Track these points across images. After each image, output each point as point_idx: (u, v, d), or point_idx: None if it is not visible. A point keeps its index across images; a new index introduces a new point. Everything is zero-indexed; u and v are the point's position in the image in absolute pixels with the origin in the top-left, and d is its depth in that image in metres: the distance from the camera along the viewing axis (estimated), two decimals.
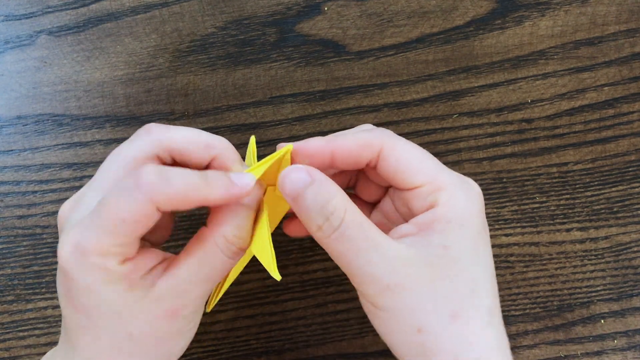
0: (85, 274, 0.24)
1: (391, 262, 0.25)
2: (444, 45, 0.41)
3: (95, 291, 0.24)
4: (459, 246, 0.25)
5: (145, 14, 0.40)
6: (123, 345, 0.25)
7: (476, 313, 0.25)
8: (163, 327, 0.25)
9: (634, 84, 0.41)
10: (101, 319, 0.25)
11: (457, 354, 0.25)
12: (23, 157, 0.39)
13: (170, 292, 0.25)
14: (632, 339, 0.38)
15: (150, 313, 0.25)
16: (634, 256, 0.39)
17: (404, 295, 0.25)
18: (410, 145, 0.27)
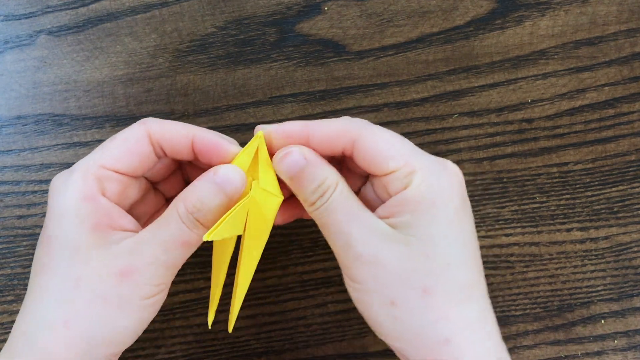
0: (63, 198, 0.26)
1: (367, 234, 0.26)
2: (444, 45, 0.41)
3: (63, 218, 0.26)
4: (431, 225, 0.26)
5: (145, 14, 0.40)
6: (68, 292, 0.26)
7: (451, 289, 0.26)
8: (112, 284, 0.26)
9: (634, 83, 0.41)
10: (59, 254, 0.26)
11: (428, 327, 0.25)
12: (23, 157, 0.39)
13: (126, 250, 0.26)
14: (632, 339, 0.38)
15: (103, 265, 0.26)
16: (634, 256, 0.39)
17: (377, 268, 0.25)
18: (385, 132, 0.28)
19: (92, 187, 0.27)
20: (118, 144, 0.28)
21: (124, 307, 0.26)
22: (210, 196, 0.27)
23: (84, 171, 0.27)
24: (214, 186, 0.27)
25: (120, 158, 0.27)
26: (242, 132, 0.39)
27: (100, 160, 0.27)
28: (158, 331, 0.38)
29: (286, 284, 0.38)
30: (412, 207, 0.26)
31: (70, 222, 0.26)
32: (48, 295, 0.26)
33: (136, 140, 0.28)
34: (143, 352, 0.38)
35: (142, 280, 0.26)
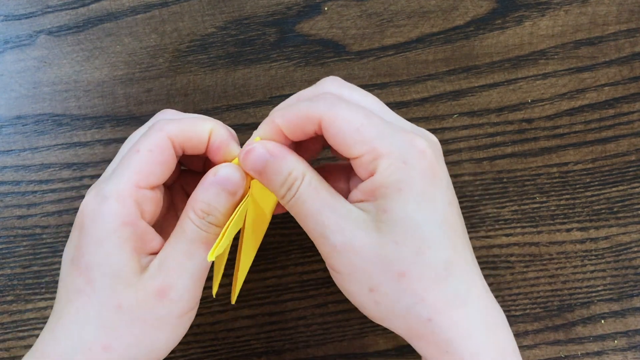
0: (101, 224, 0.26)
1: (340, 223, 0.26)
2: (444, 45, 0.41)
3: (104, 245, 0.26)
4: (399, 209, 0.25)
5: (145, 14, 0.40)
6: (109, 317, 0.26)
7: (427, 269, 0.26)
8: (151, 306, 0.26)
9: (634, 83, 0.41)
10: (100, 281, 0.26)
11: (408, 310, 0.26)
12: (23, 157, 0.39)
13: (157, 270, 0.26)
14: (632, 339, 0.38)
15: (142, 288, 0.26)
16: (634, 256, 0.39)
17: (353, 257, 0.26)
18: (351, 112, 0.26)
19: (132, 212, 0.26)
20: (145, 157, 0.27)
21: (161, 327, 0.27)
22: (215, 198, 0.27)
23: (120, 195, 0.26)
24: (217, 187, 0.27)
25: (151, 172, 0.27)
26: (242, 132, 0.39)
27: (133, 179, 0.26)
28: None
29: (286, 284, 0.38)
30: (379, 193, 0.26)
31: (111, 248, 0.26)
32: (86, 320, 0.26)
33: (161, 150, 0.27)
34: None
35: (176, 297, 0.27)
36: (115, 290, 0.26)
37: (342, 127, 0.26)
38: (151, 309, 0.26)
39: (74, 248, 0.27)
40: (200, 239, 0.27)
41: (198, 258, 0.27)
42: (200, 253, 0.27)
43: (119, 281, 0.26)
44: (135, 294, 0.26)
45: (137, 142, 0.27)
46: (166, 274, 0.26)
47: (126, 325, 0.26)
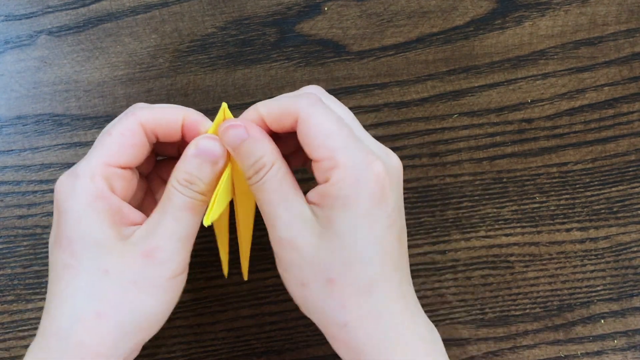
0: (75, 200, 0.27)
1: (291, 219, 0.27)
2: (444, 45, 0.41)
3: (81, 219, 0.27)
4: (342, 223, 0.27)
5: (145, 14, 0.40)
6: (97, 284, 0.27)
7: (353, 282, 0.27)
8: (138, 268, 0.27)
9: (634, 84, 0.41)
10: (83, 252, 0.27)
11: (330, 312, 0.27)
12: (23, 157, 0.39)
13: (144, 234, 0.27)
14: (632, 339, 0.38)
15: (127, 253, 0.27)
16: (634, 256, 0.39)
17: (293, 252, 0.27)
18: (326, 116, 0.27)
19: (103, 187, 0.27)
20: (116, 139, 0.28)
21: (151, 289, 0.27)
22: (198, 168, 0.28)
23: (91, 173, 0.27)
24: (199, 158, 0.28)
25: (121, 153, 0.28)
26: None
27: (103, 158, 0.28)
28: (158, 331, 0.38)
29: None
30: (327, 202, 0.27)
31: (89, 221, 0.27)
32: (76, 291, 0.27)
33: (132, 133, 0.28)
34: (143, 352, 0.38)
35: (164, 256, 0.27)
36: (100, 257, 0.27)
37: (313, 128, 0.27)
38: (139, 271, 0.27)
39: (55, 228, 0.28)
40: (186, 205, 0.28)
41: (185, 222, 0.28)
42: (186, 217, 0.28)
43: (102, 249, 0.27)
44: (121, 258, 0.27)
45: (110, 126, 0.29)
46: (153, 237, 0.27)
47: (115, 290, 0.27)
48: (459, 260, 0.39)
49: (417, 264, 0.39)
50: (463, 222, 0.39)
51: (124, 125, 0.28)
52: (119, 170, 0.28)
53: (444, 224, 0.39)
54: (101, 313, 0.27)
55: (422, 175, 0.39)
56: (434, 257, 0.39)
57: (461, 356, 0.38)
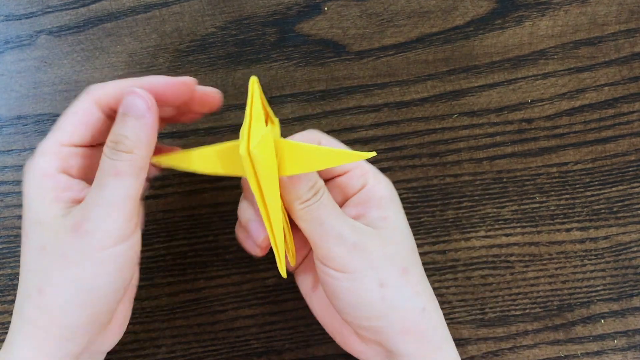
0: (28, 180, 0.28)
1: (352, 227, 0.29)
2: (444, 45, 0.41)
3: (29, 197, 0.28)
4: (395, 216, 0.31)
5: (145, 14, 0.40)
6: (37, 261, 0.27)
7: (417, 268, 0.31)
8: (69, 241, 0.27)
9: (634, 84, 0.41)
10: (28, 230, 0.28)
11: (409, 301, 0.30)
12: (23, 157, 0.39)
13: (78, 209, 0.27)
14: (632, 338, 0.38)
15: (60, 227, 0.27)
16: (634, 256, 0.39)
17: (367, 254, 0.29)
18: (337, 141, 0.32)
19: (51, 165, 0.28)
20: (69, 119, 0.29)
21: (83, 262, 0.27)
22: (121, 126, 0.27)
23: (44, 151, 0.28)
24: (121, 116, 0.27)
25: (74, 132, 0.29)
26: None
27: (56, 138, 0.29)
28: (158, 331, 0.38)
29: (286, 284, 0.38)
30: (376, 202, 0.30)
31: (34, 199, 0.28)
32: (23, 268, 0.28)
33: (84, 110, 0.29)
34: (143, 352, 0.38)
35: (91, 227, 0.26)
36: (40, 234, 0.27)
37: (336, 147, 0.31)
38: (70, 245, 0.27)
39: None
40: (109, 169, 0.27)
41: (111, 187, 0.27)
42: (113, 182, 0.27)
43: (42, 227, 0.27)
44: (56, 233, 0.27)
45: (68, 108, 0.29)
46: (80, 209, 0.27)
47: (52, 266, 0.27)
48: (459, 260, 0.39)
49: None
50: (463, 222, 0.39)
51: (77, 105, 0.29)
52: (75, 148, 0.29)
53: (444, 224, 0.39)
54: (42, 289, 0.27)
55: (422, 175, 0.39)
56: (434, 257, 0.39)
57: (461, 356, 0.38)
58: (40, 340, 0.27)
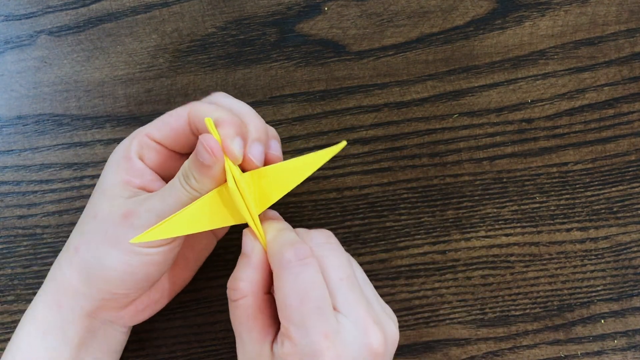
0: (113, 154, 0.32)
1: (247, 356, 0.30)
2: (444, 45, 0.41)
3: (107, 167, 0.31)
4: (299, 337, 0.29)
5: (145, 14, 0.40)
6: (86, 223, 0.31)
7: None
8: (115, 223, 0.29)
9: (634, 84, 0.41)
10: (95, 195, 0.31)
11: None
12: (23, 157, 0.39)
13: (138, 200, 0.30)
14: (632, 339, 0.38)
15: (116, 206, 0.30)
16: (634, 256, 0.39)
17: None
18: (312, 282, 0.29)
19: (132, 149, 0.31)
20: (163, 117, 0.32)
21: (116, 246, 0.29)
22: (192, 164, 0.29)
23: (133, 136, 0.32)
24: (194, 157, 0.28)
25: (159, 129, 0.31)
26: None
27: (146, 129, 0.31)
28: (158, 331, 0.38)
29: None
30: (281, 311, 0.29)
31: (108, 172, 0.31)
32: (76, 227, 0.32)
33: (176, 117, 0.31)
34: (143, 352, 0.38)
35: (138, 223, 0.29)
36: (98, 203, 0.31)
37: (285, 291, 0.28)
38: (114, 227, 0.29)
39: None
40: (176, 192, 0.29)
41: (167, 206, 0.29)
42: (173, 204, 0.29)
43: (104, 196, 0.30)
44: (109, 208, 0.30)
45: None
46: (138, 204, 0.29)
47: (93, 233, 0.30)
48: (459, 260, 0.39)
49: (417, 264, 0.39)
50: (463, 222, 0.39)
51: (176, 110, 0.31)
52: (152, 142, 0.31)
53: (444, 224, 0.39)
54: (77, 248, 0.31)
55: (422, 175, 0.39)
56: (434, 257, 0.39)
57: (461, 356, 0.38)
58: (64, 286, 0.31)
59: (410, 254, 0.39)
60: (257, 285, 0.29)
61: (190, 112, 0.30)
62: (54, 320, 0.31)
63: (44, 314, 0.31)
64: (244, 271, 0.29)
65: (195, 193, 0.29)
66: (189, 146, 0.32)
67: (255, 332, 0.29)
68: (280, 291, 0.28)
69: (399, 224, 0.39)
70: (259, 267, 0.29)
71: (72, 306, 0.31)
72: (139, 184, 0.31)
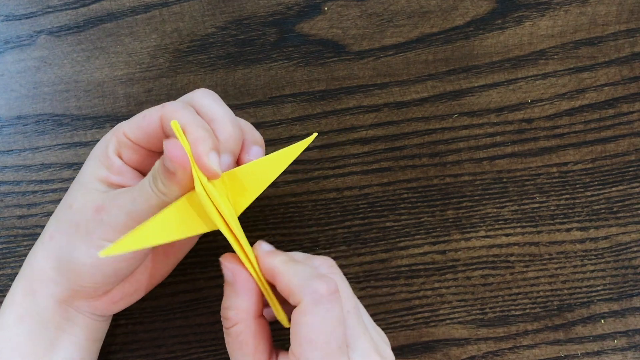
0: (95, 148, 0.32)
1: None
2: (444, 45, 0.41)
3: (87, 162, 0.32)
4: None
5: (145, 14, 0.40)
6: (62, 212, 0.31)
7: None
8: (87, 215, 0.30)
9: (634, 83, 0.41)
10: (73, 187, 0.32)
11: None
12: (23, 157, 0.39)
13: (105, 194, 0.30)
14: (632, 338, 0.38)
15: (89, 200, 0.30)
16: (634, 256, 0.39)
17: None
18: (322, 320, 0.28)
19: (110, 148, 0.31)
20: (137, 118, 0.31)
21: (87, 239, 0.29)
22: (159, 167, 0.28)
23: (113, 132, 0.32)
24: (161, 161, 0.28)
25: (134, 129, 0.31)
26: None
27: (123, 127, 0.31)
28: (158, 331, 0.38)
29: None
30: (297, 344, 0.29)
31: (88, 165, 0.32)
32: (53, 214, 0.32)
33: (149, 118, 0.30)
34: (143, 352, 0.38)
35: (107, 219, 0.29)
36: (75, 193, 0.31)
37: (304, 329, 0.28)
38: (86, 219, 0.29)
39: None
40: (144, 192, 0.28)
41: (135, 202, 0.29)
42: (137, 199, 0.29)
43: (81, 187, 0.31)
44: (84, 200, 0.30)
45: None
46: (109, 199, 0.29)
47: (66, 223, 0.30)
48: (459, 260, 0.39)
49: (417, 264, 0.39)
50: (463, 222, 0.39)
51: (149, 110, 0.31)
52: (128, 141, 0.31)
53: (444, 224, 0.39)
54: (52, 236, 0.31)
55: (422, 175, 0.39)
56: (434, 257, 0.39)
57: (461, 356, 0.38)
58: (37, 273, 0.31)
59: (410, 254, 0.39)
60: (247, 312, 0.29)
61: (162, 114, 0.30)
62: (29, 306, 0.31)
63: (21, 299, 0.31)
64: (231, 300, 0.29)
65: (162, 197, 0.28)
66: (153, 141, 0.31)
67: (250, 358, 0.29)
68: (304, 326, 0.27)
69: (399, 224, 0.39)
70: (246, 293, 0.28)
71: (45, 293, 0.31)
72: (117, 182, 0.31)
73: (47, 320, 0.31)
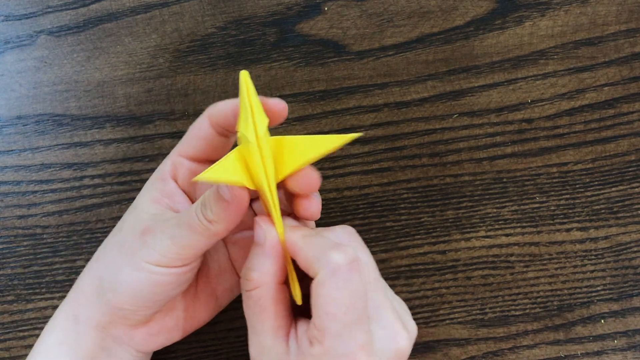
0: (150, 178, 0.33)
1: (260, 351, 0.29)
2: (444, 45, 0.41)
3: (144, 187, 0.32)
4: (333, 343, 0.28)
5: (145, 14, 0.40)
6: (114, 235, 0.32)
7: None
8: (132, 237, 0.30)
9: (634, 84, 0.41)
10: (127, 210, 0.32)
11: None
12: (23, 157, 0.39)
13: (154, 216, 0.30)
14: (632, 339, 0.38)
15: (138, 222, 0.30)
16: (634, 256, 0.39)
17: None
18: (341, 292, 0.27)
19: (166, 171, 0.32)
20: (188, 132, 0.32)
21: (130, 261, 0.29)
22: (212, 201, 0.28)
23: (168, 157, 0.32)
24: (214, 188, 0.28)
25: (188, 144, 0.31)
26: None
27: (177, 149, 0.32)
28: None
29: None
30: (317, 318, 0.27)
31: (143, 191, 0.32)
32: (106, 238, 0.32)
33: (199, 126, 0.31)
34: None
35: (152, 243, 0.28)
36: (126, 217, 0.31)
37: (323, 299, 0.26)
38: (132, 240, 0.29)
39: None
40: (189, 219, 0.28)
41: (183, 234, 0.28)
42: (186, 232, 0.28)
43: (133, 211, 0.31)
44: (134, 222, 0.30)
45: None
46: (158, 223, 0.29)
47: (114, 245, 0.31)
48: (459, 260, 0.39)
49: (417, 264, 0.39)
50: (463, 222, 0.39)
51: (196, 120, 0.31)
52: (185, 161, 0.32)
53: (444, 224, 0.39)
54: (99, 258, 0.31)
55: (422, 175, 0.40)
56: (434, 257, 0.39)
57: (461, 356, 0.38)
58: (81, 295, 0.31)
59: (410, 254, 0.39)
60: (271, 276, 0.28)
61: (209, 114, 0.30)
62: (69, 331, 0.31)
63: (62, 324, 0.31)
64: (257, 261, 0.28)
65: (207, 224, 0.28)
66: (221, 150, 0.31)
67: (269, 324, 0.28)
68: (322, 297, 0.26)
69: (399, 224, 0.39)
70: (273, 257, 0.28)
71: (86, 317, 0.30)
72: (168, 204, 0.31)
73: (84, 348, 0.30)
